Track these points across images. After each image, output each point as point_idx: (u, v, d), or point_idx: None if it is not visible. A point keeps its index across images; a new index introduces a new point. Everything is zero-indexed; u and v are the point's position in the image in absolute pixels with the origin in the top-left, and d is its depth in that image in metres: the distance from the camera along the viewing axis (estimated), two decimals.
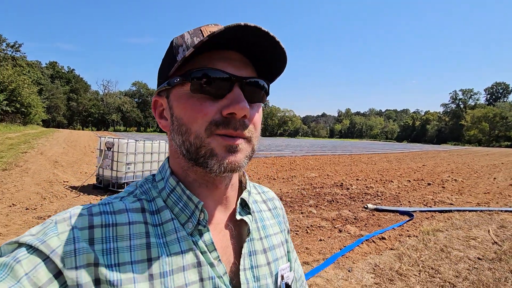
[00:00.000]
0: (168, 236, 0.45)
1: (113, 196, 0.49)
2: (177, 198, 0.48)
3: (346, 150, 26.26)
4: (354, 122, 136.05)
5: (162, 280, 0.42)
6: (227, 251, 0.51)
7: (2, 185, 5.63)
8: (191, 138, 0.45)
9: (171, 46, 0.49)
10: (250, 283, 0.49)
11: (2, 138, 15.23)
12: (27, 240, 0.37)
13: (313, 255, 3.36)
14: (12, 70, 30.98)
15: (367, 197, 6.52)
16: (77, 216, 0.42)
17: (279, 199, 0.71)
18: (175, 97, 0.47)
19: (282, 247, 0.60)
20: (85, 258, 0.38)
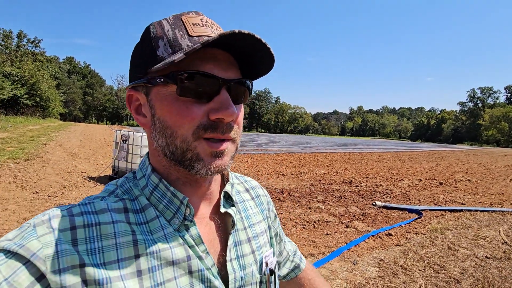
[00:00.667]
0: (155, 233, 0.45)
1: (93, 196, 0.48)
2: (161, 195, 0.48)
3: (356, 148, 25.99)
4: (366, 120, 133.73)
5: (151, 275, 0.42)
6: (214, 243, 0.51)
7: (25, 174, 5.96)
8: (177, 141, 0.44)
9: (148, 35, 0.45)
10: (236, 272, 0.50)
11: (23, 130, 15.92)
12: (4, 245, 0.36)
13: (319, 248, 3.45)
14: (32, 65, 32.12)
15: (376, 195, 6.52)
16: (56, 217, 0.40)
17: (262, 187, 0.72)
18: (158, 97, 0.45)
19: (265, 234, 0.62)
20: (69, 260, 0.37)
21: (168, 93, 0.43)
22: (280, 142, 28.99)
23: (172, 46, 0.43)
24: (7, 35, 35.93)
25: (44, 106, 33.77)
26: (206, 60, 0.43)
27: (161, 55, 0.43)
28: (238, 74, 0.48)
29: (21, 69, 30.22)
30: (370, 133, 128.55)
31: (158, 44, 0.43)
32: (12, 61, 31.70)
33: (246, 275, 0.52)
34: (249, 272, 0.52)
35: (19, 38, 38.00)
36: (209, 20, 0.47)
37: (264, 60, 0.47)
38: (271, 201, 0.72)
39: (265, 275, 0.56)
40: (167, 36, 0.43)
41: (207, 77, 0.43)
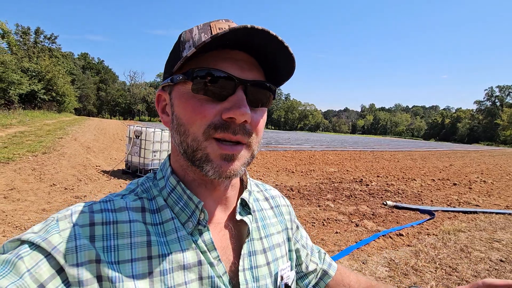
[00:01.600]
0: (169, 235, 0.45)
1: (115, 193, 0.49)
2: (178, 197, 0.48)
3: (368, 146, 25.62)
4: (378, 118, 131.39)
5: (162, 278, 0.42)
6: (227, 251, 0.50)
7: (43, 166, 6.18)
8: (189, 139, 0.44)
9: (178, 40, 0.48)
10: (249, 284, 0.48)
11: (41, 124, 16.44)
12: (29, 237, 0.38)
13: (328, 246, 3.45)
14: (49, 61, 33.02)
15: (387, 194, 6.44)
16: (78, 213, 0.42)
17: (283, 196, 0.70)
18: (177, 95, 0.46)
19: (284, 245, 0.60)
20: (86, 255, 0.38)
21: (186, 91, 0.44)
22: (289, 139, 28.89)
23: (194, 46, 0.42)
24: (25, 31, 37.00)
25: (60, 101, 34.72)
26: (224, 60, 0.43)
27: (184, 55, 0.44)
28: (259, 77, 0.46)
29: (38, 64, 31.14)
30: (382, 131, 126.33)
31: (185, 47, 0.45)
32: (30, 57, 32.71)
33: (260, 287, 0.50)
34: (262, 285, 0.50)
35: (36, 34, 39.09)
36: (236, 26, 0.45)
37: (284, 60, 0.45)
38: (293, 211, 0.69)
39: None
40: (193, 39, 0.45)
41: (223, 75, 0.42)
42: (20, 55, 30.20)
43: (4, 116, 15.58)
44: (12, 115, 17.01)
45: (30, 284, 0.34)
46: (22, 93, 25.88)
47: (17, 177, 5.19)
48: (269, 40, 0.41)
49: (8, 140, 9.03)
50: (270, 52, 0.44)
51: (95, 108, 70.83)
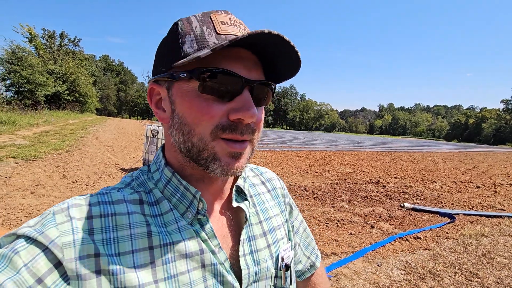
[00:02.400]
0: (169, 226, 0.45)
1: (110, 187, 0.49)
2: (174, 188, 0.48)
3: (385, 147, 24.93)
4: (397, 117, 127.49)
5: (164, 267, 0.42)
6: (227, 239, 0.51)
7: (66, 164, 6.48)
8: (194, 139, 0.43)
9: (175, 30, 0.45)
10: (250, 268, 0.49)
11: (64, 123, 17.23)
12: (25, 231, 0.37)
13: (342, 247, 3.40)
14: (72, 63, 34.46)
15: (405, 196, 6.26)
16: (75, 206, 0.41)
17: (279, 178, 0.70)
18: (179, 92, 0.44)
19: (283, 227, 0.61)
20: (85, 248, 0.38)
21: (190, 89, 0.43)
22: (304, 139, 28.64)
23: (198, 43, 0.42)
24: (51, 35, 38.84)
25: (82, 102, 36.16)
26: (230, 59, 0.42)
27: (187, 50, 0.42)
28: (262, 76, 0.47)
29: (63, 67, 32.57)
30: (400, 131, 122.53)
31: (185, 40, 0.43)
32: (55, 59, 34.30)
33: (261, 270, 0.51)
34: (263, 267, 0.51)
35: (61, 38, 40.92)
36: (237, 20, 0.46)
37: (290, 63, 0.46)
38: (288, 194, 0.69)
39: (281, 270, 0.54)
40: (194, 32, 0.43)
41: (231, 76, 0.42)
42: (46, 58, 31.71)
43: (32, 116, 16.45)
44: (39, 115, 17.93)
45: (28, 279, 0.34)
46: (47, 94, 27.20)
47: (43, 173, 5.48)
48: (281, 45, 0.42)
49: (35, 138, 9.54)
50: (274, 52, 0.44)
51: (115, 108, 73.26)
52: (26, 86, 23.91)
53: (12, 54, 23.19)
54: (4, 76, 23.56)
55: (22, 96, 24.16)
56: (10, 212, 3.59)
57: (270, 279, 0.53)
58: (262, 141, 20.15)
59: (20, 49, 24.00)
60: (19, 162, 6.08)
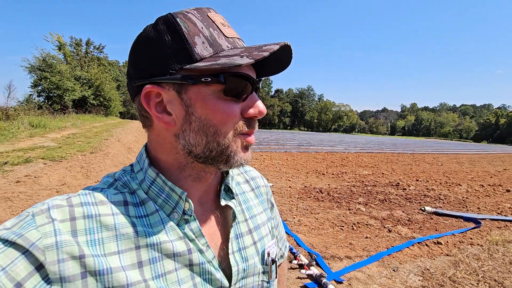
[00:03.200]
0: (155, 227, 0.45)
1: (92, 187, 0.48)
2: (159, 189, 0.48)
3: (407, 148, 24.02)
4: (421, 118, 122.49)
5: (152, 266, 0.42)
6: (215, 237, 0.52)
7: (90, 165, 6.81)
8: (220, 139, 0.45)
9: (177, 30, 0.43)
10: (239, 265, 0.51)
11: (90, 126, 18.09)
12: (1, 234, 0.36)
13: (357, 251, 3.32)
14: (97, 69, 36.16)
15: (426, 200, 6.00)
16: (56, 207, 0.40)
17: (262, 177, 0.72)
18: (199, 96, 0.44)
19: (267, 224, 0.63)
20: (68, 250, 0.37)
21: (212, 92, 0.44)
22: (322, 140, 28.22)
23: (212, 46, 0.43)
24: (78, 43, 41.06)
25: (106, 105, 37.80)
26: None
27: (201, 53, 0.43)
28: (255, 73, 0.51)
29: (89, 72, 34.28)
30: (424, 132, 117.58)
31: (195, 41, 0.43)
32: (82, 66, 36.17)
33: (249, 266, 0.53)
34: (251, 264, 0.53)
35: (87, 45, 43.14)
36: (225, 20, 0.49)
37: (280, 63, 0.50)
38: (270, 191, 0.72)
39: (267, 265, 0.56)
40: (203, 34, 0.43)
41: (248, 78, 0.45)
42: (74, 64, 33.53)
43: (60, 120, 17.44)
44: (67, 119, 18.97)
45: (6, 283, 0.33)
46: (75, 99, 28.70)
47: (68, 174, 5.79)
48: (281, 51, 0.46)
49: (62, 141, 10.09)
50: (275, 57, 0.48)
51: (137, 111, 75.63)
52: (55, 92, 25.36)
53: (43, 61, 24.73)
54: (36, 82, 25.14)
55: (52, 101, 25.64)
56: None
57: (258, 275, 0.54)
58: (279, 143, 20.07)
59: (50, 57, 25.55)
60: (47, 163, 6.46)
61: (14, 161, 6.20)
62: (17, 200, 4.03)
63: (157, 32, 0.44)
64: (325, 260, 3.05)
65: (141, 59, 0.46)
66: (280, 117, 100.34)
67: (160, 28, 0.44)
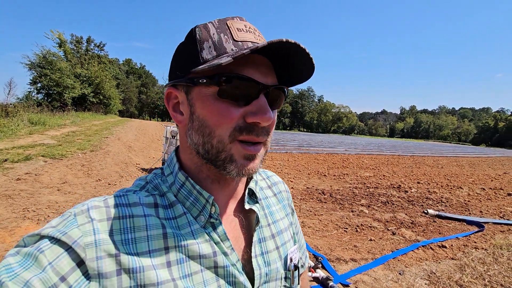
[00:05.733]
0: (183, 229, 0.47)
1: (125, 189, 0.50)
2: (187, 192, 0.49)
3: (407, 150, 24.05)
4: (420, 120, 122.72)
5: (179, 266, 0.44)
6: (239, 240, 0.53)
7: (91, 163, 6.76)
8: (214, 141, 0.45)
9: (193, 37, 0.46)
10: (262, 268, 0.51)
11: (89, 124, 18.01)
12: (49, 232, 0.39)
13: (362, 253, 3.30)
14: (97, 67, 36.01)
15: (429, 202, 5.99)
16: (95, 208, 0.43)
17: (283, 182, 0.72)
18: (199, 96, 0.46)
19: (289, 230, 0.63)
20: (105, 248, 0.40)
21: (210, 94, 0.45)
22: (322, 142, 28.21)
23: (216, 49, 0.44)
24: (78, 40, 40.84)
25: (106, 104, 37.66)
26: (247, 65, 0.44)
27: (205, 56, 0.45)
28: (275, 80, 0.49)
29: (89, 70, 34.13)
30: (423, 135, 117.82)
31: (203, 46, 0.45)
32: (82, 63, 36.03)
33: (271, 271, 0.53)
34: (273, 268, 0.53)
35: (87, 43, 42.94)
36: (252, 26, 0.48)
37: (304, 68, 0.48)
38: (291, 197, 0.72)
39: (290, 271, 0.57)
40: (212, 39, 0.45)
41: (249, 81, 0.44)
42: (74, 62, 33.32)
43: (60, 117, 17.34)
44: (66, 116, 18.88)
45: (52, 276, 0.36)
46: (74, 96, 28.57)
47: (69, 172, 5.75)
48: (296, 52, 0.44)
49: (62, 138, 10.03)
50: (289, 59, 0.47)
51: (136, 110, 75.70)
52: (55, 89, 25.24)
53: (43, 58, 24.60)
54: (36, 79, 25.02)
55: (52, 98, 25.52)
56: (39, 208, 3.79)
57: (280, 280, 0.55)
58: (279, 143, 20.05)
59: (50, 54, 25.43)
60: (48, 161, 6.41)
61: (14, 159, 6.15)
62: (18, 198, 3.99)
63: (184, 41, 0.49)
64: (330, 262, 3.03)
65: (171, 65, 0.52)
66: (280, 118, 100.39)
67: (186, 37, 0.49)
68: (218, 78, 0.43)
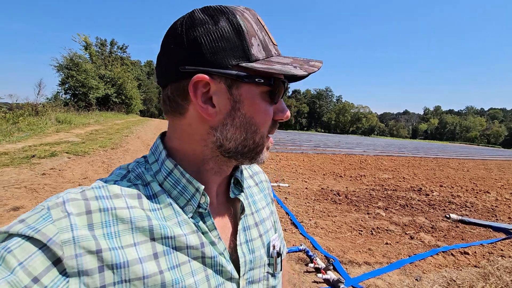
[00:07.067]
0: (169, 220, 0.45)
1: (104, 179, 0.47)
2: (175, 181, 0.47)
3: (430, 152, 23.03)
4: (445, 121, 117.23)
5: (166, 257, 0.43)
6: (225, 229, 0.53)
7: (111, 160, 7.02)
8: (257, 137, 0.47)
9: (238, 26, 0.43)
10: (246, 256, 0.52)
11: (112, 123, 18.74)
12: (19, 229, 0.35)
13: (376, 257, 3.18)
14: (120, 68, 37.43)
15: (451, 207, 5.69)
16: (71, 201, 0.39)
17: (263, 172, 0.73)
18: (249, 94, 0.45)
19: (270, 219, 0.65)
20: (85, 245, 0.37)
21: (258, 92, 0.46)
22: (339, 142, 27.65)
23: (264, 49, 0.45)
24: (102, 43, 42.64)
25: (128, 104, 39.04)
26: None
27: (256, 55, 0.44)
28: None
29: (112, 71, 35.54)
30: (449, 137, 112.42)
31: (252, 42, 0.44)
32: (106, 65, 37.54)
33: (255, 258, 0.54)
34: (258, 256, 0.55)
35: (111, 45, 44.72)
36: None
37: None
38: (270, 186, 0.74)
39: (273, 257, 0.59)
40: (258, 37, 0.45)
41: (284, 84, 0.48)
42: (98, 63, 34.84)
43: (84, 117, 18.18)
44: (90, 116, 19.76)
45: (23, 278, 0.33)
46: (98, 97, 29.84)
47: (90, 168, 5.99)
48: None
49: (86, 136, 10.50)
50: None
51: (156, 110, 77.83)
52: (81, 89, 26.48)
53: (70, 60, 25.88)
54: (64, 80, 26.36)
55: (77, 98, 26.79)
56: None
57: (264, 266, 0.56)
58: (295, 143, 19.87)
59: (76, 56, 26.74)
60: (71, 157, 6.72)
61: (41, 155, 6.50)
62: (42, 192, 4.20)
63: (215, 24, 0.43)
64: (343, 265, 2.94)
65: (195, 45, 0.43)
66: (297, 118, 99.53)
67: (220, 20, 0.44)
68: (273, 81, 0.46)
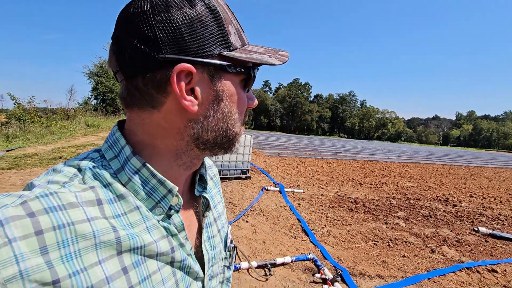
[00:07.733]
0: (136, 227, 0.40)
1: (48, 180, 0.37)
2: (143, 181, 0.42)
3: (462, 160, 21.59)
4: (480, 127, 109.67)
5: (136, 269, 0.38)
6: (192, 227, 0.51)
7: None
8: (236, 126, 0.46)
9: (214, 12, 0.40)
10: (209, 253, 0.52)
11: None
12: None
13: (391, 270, 2.98)
14: None
15: (481, 219, 5.25)
16: (12, 221, 0.30)
17: (214, 165, 0.71)
18: (230, 84, 0.43)
19: (224, 213, 0.64)
20: (37, 278, 0.29)
21: (237, 81, 0.45)
22: (362, 148, 26.75)
23: (240, 38, 0.44)
24: None
25: None
26: None
27: (234, 43, 0.42)
28: None
29: None
30: (484, 144, 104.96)
31: (229, 30, 0.42)
32: None
33: (216, 254, 0.54)
34: (218, 251, 0.55)
35: None
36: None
37: None
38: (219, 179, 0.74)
39: (229, 251, 0.59)
40: (233, 24, 0.43)
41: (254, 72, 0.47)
42: None
43: (111, 121, 19.13)
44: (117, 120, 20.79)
45: None
46: None
47: None
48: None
49: None
50: None
51: None
52: (109, 95, 27.98)
53: (100, 68, 27.51)
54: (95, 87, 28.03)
55: (106, 104, 28.30)
56: None
57: (222, 261, 0.56)
58: (315, 149, 19.51)
59: (106, 64, 28.29)
60: None
61: (68, 156, 6.88)
62: None
63: (192, 7, 0.39)
64: (353, 277, 2.78)
65: (174, 31, 0.38)
66: (319, 123, 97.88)
67: (196, 3, 0.40)
68: (252, 70, 0.45)
